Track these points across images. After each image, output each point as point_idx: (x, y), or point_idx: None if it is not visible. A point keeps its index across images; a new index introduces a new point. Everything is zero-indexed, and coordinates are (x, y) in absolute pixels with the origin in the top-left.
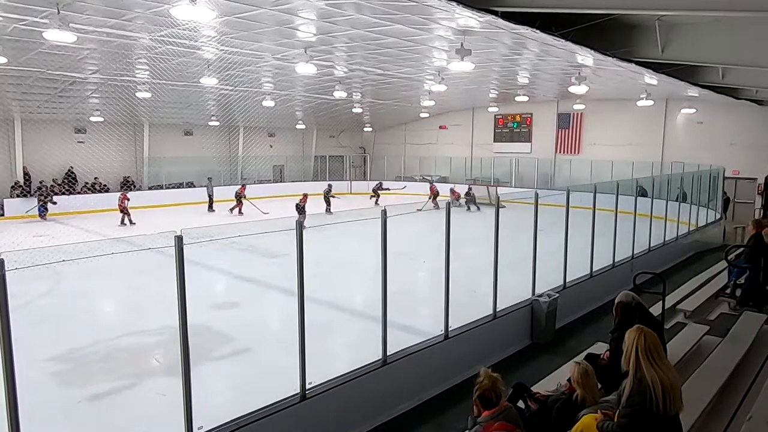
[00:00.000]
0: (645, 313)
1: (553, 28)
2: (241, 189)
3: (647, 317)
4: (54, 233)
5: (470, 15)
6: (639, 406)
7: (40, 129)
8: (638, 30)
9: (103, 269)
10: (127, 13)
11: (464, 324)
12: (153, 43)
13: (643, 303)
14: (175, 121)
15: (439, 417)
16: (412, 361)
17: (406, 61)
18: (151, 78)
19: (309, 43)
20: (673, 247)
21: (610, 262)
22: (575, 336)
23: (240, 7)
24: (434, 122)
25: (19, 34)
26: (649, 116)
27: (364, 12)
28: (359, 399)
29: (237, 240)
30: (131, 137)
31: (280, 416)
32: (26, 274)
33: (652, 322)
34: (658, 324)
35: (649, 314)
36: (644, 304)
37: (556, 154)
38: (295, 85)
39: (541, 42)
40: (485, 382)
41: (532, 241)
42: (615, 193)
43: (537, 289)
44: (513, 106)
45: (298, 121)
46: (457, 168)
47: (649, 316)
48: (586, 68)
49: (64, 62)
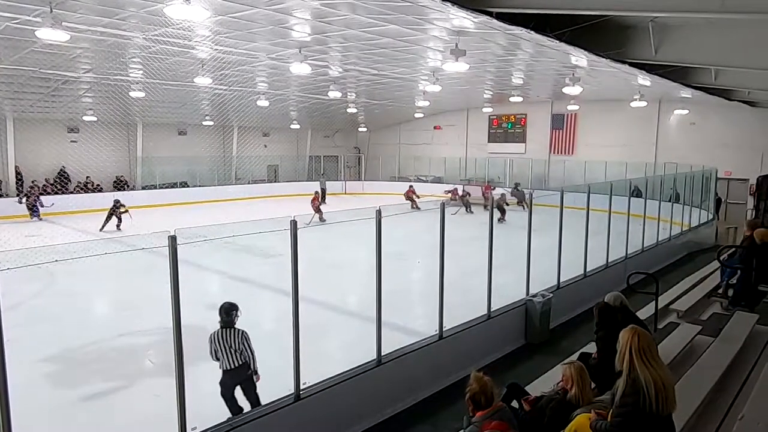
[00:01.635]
0: (629, 315)
1: (547, 29)
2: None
3: (632, 320)
4: (46, 233)
5: (465, 15)
6: (632, 406)
7: (32, 128)
8: (632, 31)
9: (96, 269)
10: (121, 12)
11: (458, 324)
12: (147, 42)
13: (628, 305)
14: (168, 120)
15: (433, 417)
16: (406, 361)
17: (400, 62)
18: (145, 77)
19: (304, 42)
20: (666, 247)
21: (604, 262)
22: (569, 336)
23: (234, 6)
24: (429, 122)
25: (12, 33)
26: (643, 117)
27: (359, 12)
28: (354, 399)
29: (231, 240)
30: (125, 137)
31: (274, 417)
32: (18, 274)
33: (636, 324)
34: (643, 327)
35: (634, 317)
36: (629, 307)
37: (550, 154)
38: (290, 84)
39: (536, 43)
40: (474, 385)
41: (527, 241)
42: (609, 194)
43: (531, 290)
44: (507, 106)
45: (293, 121)
46: (451, 168)
47: (634, 318)
48: (580, 69)
49: (56, 61)
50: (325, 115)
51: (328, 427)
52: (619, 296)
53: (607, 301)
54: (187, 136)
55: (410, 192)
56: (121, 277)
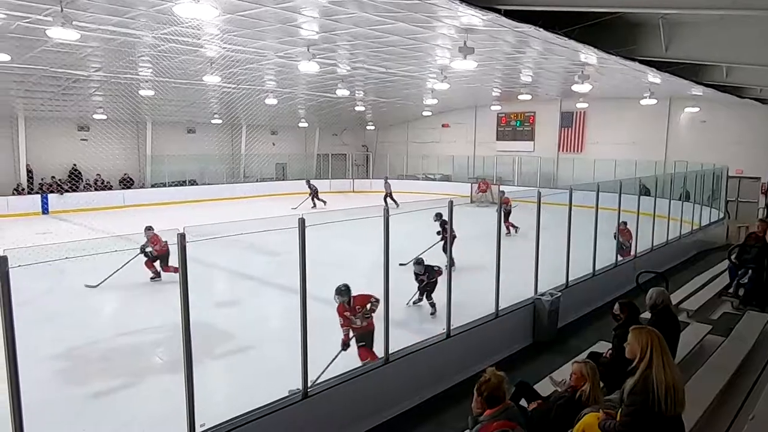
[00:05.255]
0: (668, 316)
1: (556, 27)
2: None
3: (669, 320)
4: (56, 230)
5: (473, 13)
6: (641, 405)
7: (43, 127)
8: (642, 28)
9: (106, 267)
10: (130, 11)
11: (466, 323)
12: (156, 41)
13: (671, 305)
14: (177, 119)
15: (439, 416)
16: (413, 360)
17: (408, 60)
18: (154, 76)
19: (312, 41)
20: (676, 246)
21: (613, 262)
22: (577, 335)
23: (243, 5)
24: (437, 120)
25: (23, 32)
26: (653, 115)
27: (367, 10)
28: (361, 397)
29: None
30: (134, 135)
31: (281, 414)
32: (29, 271)
33: (673, 322)
34: (677, 325)
35: (673, 318)
36: (671, 307)
37: (558, 152)
38: (298, 83)
39: (545, 40)
40: (492, 381)
41: (535, 239)
42: (618, 192)
43: (539, 288)
44: (516, 104)
45: (301, 119)
46: (459, 166)
47: (671, 319)
48: (589, 66)
49: (67, 60)
50: (333, 114)
51: (335, 424)
52: (663, 292)
53: (652, 297)
54: (196, 135)
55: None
56: (130, 275)
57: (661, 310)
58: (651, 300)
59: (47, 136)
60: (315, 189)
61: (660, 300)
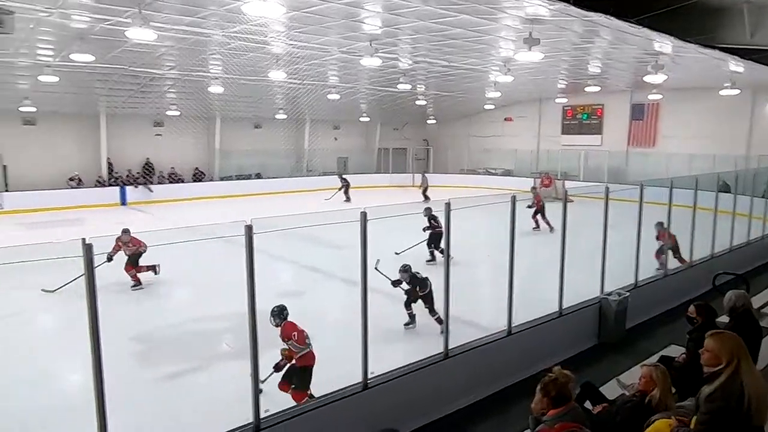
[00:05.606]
0: (749, 320)
1: (627, 14)
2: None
3: (751, 324)
4: (134, 221)
5: (540, 3)
6: (722, 412)
7: (122, 123)
8: (723, 14)
9: (177, 256)
10: (202, 11)
11: (528, 320)
12: (225, 39)
13: (752, 308)
14: (245, 114)
15: (499, 414)
16: (473, 356)
17: (471, 52)
18: (224, 73)
19: (374, 35)
20: (759, 246)
21: (688, 261)
22: (646, 337)
23: (308, 1)
24: (499, 114)
25: (105, 33)
26: (733, 106)
27: (431, 3)
28: (419, 391)
29: (302, 230)
30: (204, 130)
31: (341, 404)
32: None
33: (755, 327)
34: (759, 330)
35: (754, 320)
36: (752, 311)
37: (628, 146)
38: (360, 77)
39: (615, 29)
40: (560, 380)
41: (602, 237)
42: (694, 189)
43: (606, 288)
44: (583, 96)
45: (363, 113)
46: (522, 161)
47: (753, 323)
48: (663, 56)
49: (144, 59)
50: (395, 108)
51: (393, 417)
52: (744, 295)
53: (732, 298)
54: (262, 129)
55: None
56: (199, 264)
57: (741, 314)
58: (730, 303)
59: (125, 132)
60: (347, 183)
61: (740, 303)
